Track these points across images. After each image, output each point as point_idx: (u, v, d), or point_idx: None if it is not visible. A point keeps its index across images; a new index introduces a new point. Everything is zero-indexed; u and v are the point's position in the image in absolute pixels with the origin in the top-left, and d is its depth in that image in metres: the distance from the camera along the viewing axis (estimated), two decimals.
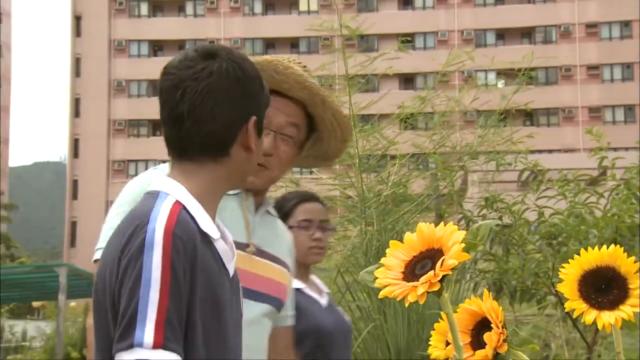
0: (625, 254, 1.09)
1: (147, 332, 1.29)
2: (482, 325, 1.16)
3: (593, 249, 1.11)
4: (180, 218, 1.38)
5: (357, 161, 4.25)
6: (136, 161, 40.42)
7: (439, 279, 0.98)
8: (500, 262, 3.98)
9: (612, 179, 3.86)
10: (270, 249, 1.92)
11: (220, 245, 1.46)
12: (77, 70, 43.60)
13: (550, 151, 27.56)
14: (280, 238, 2.00)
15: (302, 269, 2.52)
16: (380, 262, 1.05)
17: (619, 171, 3.99)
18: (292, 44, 40.09)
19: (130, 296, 1.32)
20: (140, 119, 41.18)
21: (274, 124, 1.87)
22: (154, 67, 31.23)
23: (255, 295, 1.82)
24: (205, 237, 1.43)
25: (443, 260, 0.99)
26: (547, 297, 4.09)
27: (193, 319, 1.36)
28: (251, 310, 1.77)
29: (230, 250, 1.51)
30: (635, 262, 1.08)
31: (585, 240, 3.54)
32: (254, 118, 1.51)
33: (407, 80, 38.86)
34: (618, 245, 3.20)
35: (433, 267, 1.00)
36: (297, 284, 2.43)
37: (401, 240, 1.05)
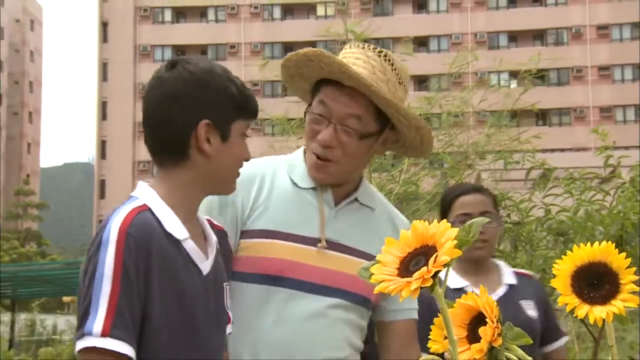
0: (617, 250, 1.08)
1: (97, 321, 1.36)
2: (478, 319, 1.16)
3: (600, 245, 1.10)
4: (137, 219, 1.44)
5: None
6: None
7: (431, 274, 0.98)
8: (508, 258, 3.95)
9: (618, 177, 3.83)
10: (349, 241, 1.82)
11: (189, 245, 1.50)
12: (104, 75, 43.91)
13: (562, 150, 27.35)
14: (370, 228, 1.86)
15: (471, 265, 2.37)
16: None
17: (626, 169, 3.96)
18: (310, 47, 39.93)
19: (86, 290, 1.40)
20: None
21: (334, 116, 1.76)
22: None
23: (318, 289, 1.76)
24: (172, 237, 1.47)
25: (436, 257, 0.99)
26: (554, 292, 4.06)
27: (151, 311, 1.41)
28: (312, 304, 1.75)
29: (205, 250, 1.55)
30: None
31: (591, 237, 3.51)
32: (204, 122, 1.50)
33: (421, 82, 38.74)
34: (624, 242, 3.14)
35: (426, 264, 0.99)
36: (459, 282, 2.34)
37: None
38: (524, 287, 2.43)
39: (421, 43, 40.30)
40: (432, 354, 1.16)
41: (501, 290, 2.38)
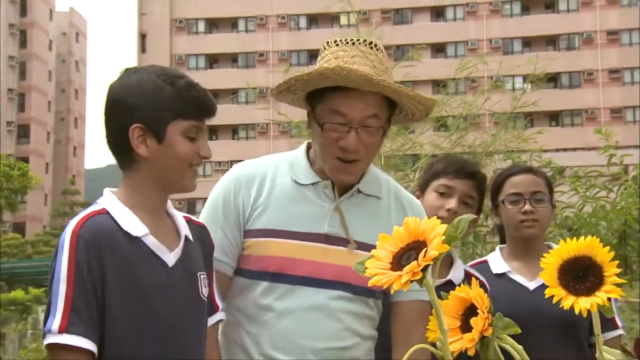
0: (601, 244, 1.07)
1: (55, 320, 1.40)
2: (470, 310, 1.15)
3: (603, 239, 1.08)
4: (89, 222, 1.48)
5: (382, 161, 4.22)
6: None
7: (421, 268, 0.97)
8: None
9: (620, 175, 3.78)
10: (352, 234, 1.76)
11: (149, 240, 1.52)
12: None
13: (574, 149, 27.01)
14: (377, 218, 1.79)
15: (521, 245, 2.23)
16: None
17: (631, 167, 3.91)
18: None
19: (49, 292, 1.44)
20: None
21: (353, 121, 1.70)
22: (210, 79, 31.56)
23: (318, 283, 1.72)
24: (129, 235, 1.49)
25: (426, 252, 0.98)
26: None
27: (110, 304, 1.44)
28: (312, 297, 1.71)
29: (172, 244, 1.56)
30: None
31: (596, 232, 3.47)
32: (134, 126, 1.51)
33: (439, 86, 38.53)
34: (627, 236, 3.07)
35: (417, 258, 0.99)
36: (502, 267, 2.22)
37: None
38: None
39: (439, 49, 40.13)
40: (432, 344, 1.15)
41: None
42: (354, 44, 1.74)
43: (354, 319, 1.76)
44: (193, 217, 1.70)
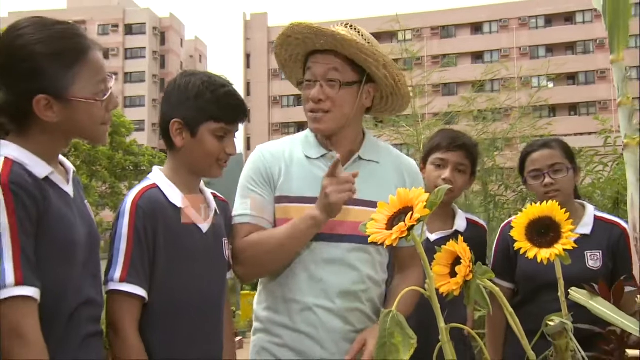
0: (559, 206, 1.03)
1: (116, 271, 1.38)
2: (457, 260, 1.12)
3: (599, 204, 1.04)
4: (145, 195, 1.45)
5: (421, 146, 4.14)
6: None
7: (407, 227, 0.95)
8: None
9: (613, 153, 3.58)
10: (357, 194, 1.60)
11: (189, 211, 1.48)
12: (248, 91, 44.90)
13: (589, 134, 25.77)
14: (377, 179, 1.68)
15: None
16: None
17: None
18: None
19: (110, 248, 1.39)
20: None
21: (318, 76, 1.61)
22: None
23: (334, 238, 1.62)
24: (174, 206, 1.47)
25: (411, 215, 0.96)
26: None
27: (158, 261, 1.41)
28: (331, 251, 1.62)
29: (205, 215, 1.53)
30: None
31: (593, 199, 3.31)
32: (174, 120, 1.47)
33: (479, 87, 37.39)
34: (620, 202, 2.86)
35: (404, 220, 0.97)
36: None
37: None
38: (597, 237, 1.96)
39: (477, 57, 38.99)
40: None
41: None
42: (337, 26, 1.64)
43: (367, 266, 1.67)
44: (218, 194, 1.66)
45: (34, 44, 1.18)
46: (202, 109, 1.47)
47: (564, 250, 1.00)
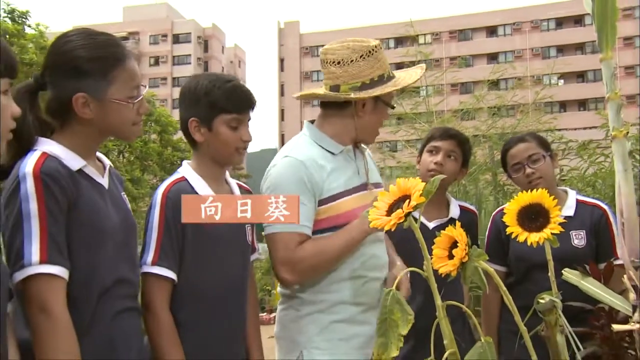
0: (548, 194, 1.01)
1: (149, 256, 1.39)
2: (454, 244, 1.12)
3: (601, 192, 1.03)
4: (174, 187, 1.45)
5: None
6: None
7: (404, 214, 0.95)
8: None
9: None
10: (374, 177, 1.69)
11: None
12: (282, 92, 45.11)
13: (597, 127, 25.00)
14: (370, 164, 1.73)
15: None
16: None
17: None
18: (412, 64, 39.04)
19: (144, 237, 1.40)
20: None
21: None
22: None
23: None
24: (195, 193, 1.45)
25: (409, 202, 0.96)
26: None
27: (187, 245, 1.42)
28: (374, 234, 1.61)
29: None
30: None
31: (594, 188, 3.21)
32: (191, 119, 1.47)
33: (493, 85, 36.60)
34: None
35: (402, 207, 0.97)
36: None
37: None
38: (579, 217, 1.93)
39: (492, 57, 38.17)
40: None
41: None
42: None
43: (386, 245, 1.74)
44: (243, 184, 1.64)
45: (79, 49, 1.24)
46: (213, 104, 1.46)
47: (552, 233, 0.98)
